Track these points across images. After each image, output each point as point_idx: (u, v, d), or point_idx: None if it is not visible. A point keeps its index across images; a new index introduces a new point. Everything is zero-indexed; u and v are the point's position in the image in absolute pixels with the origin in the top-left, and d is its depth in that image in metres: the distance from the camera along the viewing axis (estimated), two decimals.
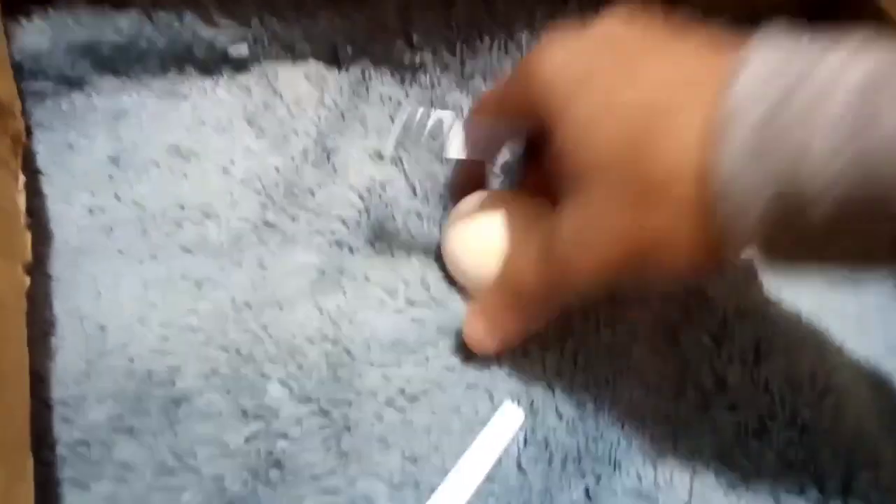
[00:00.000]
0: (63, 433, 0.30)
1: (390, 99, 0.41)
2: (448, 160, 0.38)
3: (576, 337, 0.34)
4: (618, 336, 0.35)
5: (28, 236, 0.30)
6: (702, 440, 0.32)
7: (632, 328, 0.35)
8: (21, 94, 0.38)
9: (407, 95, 0.41)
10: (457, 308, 0.35)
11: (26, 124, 0.39)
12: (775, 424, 0.31)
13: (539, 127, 0.28)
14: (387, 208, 0.38)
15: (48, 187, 0.37)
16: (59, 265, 0.35)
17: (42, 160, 0.38)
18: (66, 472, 0.30)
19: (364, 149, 0.40)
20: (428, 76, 0.41)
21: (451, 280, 0.36)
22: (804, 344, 0.34)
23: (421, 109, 0.30)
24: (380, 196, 0.38)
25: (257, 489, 0.30)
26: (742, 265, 0.36)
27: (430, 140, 0.30)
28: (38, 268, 0.34)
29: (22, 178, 0.31)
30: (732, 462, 0.32)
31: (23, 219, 0.30)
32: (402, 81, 0.41)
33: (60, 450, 0.30)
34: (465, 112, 0.41)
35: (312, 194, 0.38)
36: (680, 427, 0.33)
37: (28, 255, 0.29)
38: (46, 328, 0.32)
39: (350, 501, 0.30)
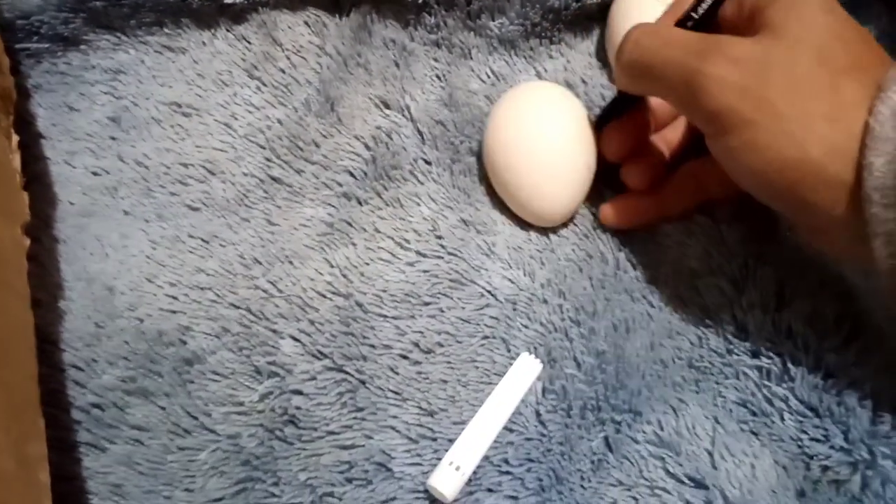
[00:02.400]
0: (76, 397, 0.30)
1: (394, 42, 0.39)
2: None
3: (593, 283, 0.33)
4: (636, 282, 0.34)
5: (25, 197, 0.29)
6: (724, 387, 0.31)
7: (651, 274, 0.34)
8: (15, 55, 0.37)
9: (412, 39, 0.40)
10: (470, 258, 0.34)
11: (24, 86, 0.38)
12: (799, 370, 0.31)
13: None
14: (394, 157, 0.36)
15: (50, 150, 0.37)
16: (64, 228, 0.34)
17: (42, 123, 0.38)
18: (81, 436, 0.30)
19: (368, 96, 0.38)
20: (433, 17, 0.39)
21: (463, 228, 0.35)
22: (828, 288, 0.32)
23: None
24: (387, 145, 0.37)
25: (274, 446, 0.30)
26: (760, 210, 0.35)
27: None
28: (45, 231, 0.34)
29: (16, 138, 0.30)
30: (756, 408, 0.31)
31: (19, 178, 0.29)
32: (406, 24, 0.40)
33: (75, 413, 0.30)
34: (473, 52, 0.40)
35: (317, 146, 0.37)
36: (701, 374, 0.32)
37: (26, 215, 0.29)
38: (55, 291, 0.32)
39: (367, 456, 0.30)
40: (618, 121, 0.34)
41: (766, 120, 0.26)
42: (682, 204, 0.34)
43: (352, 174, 0.36)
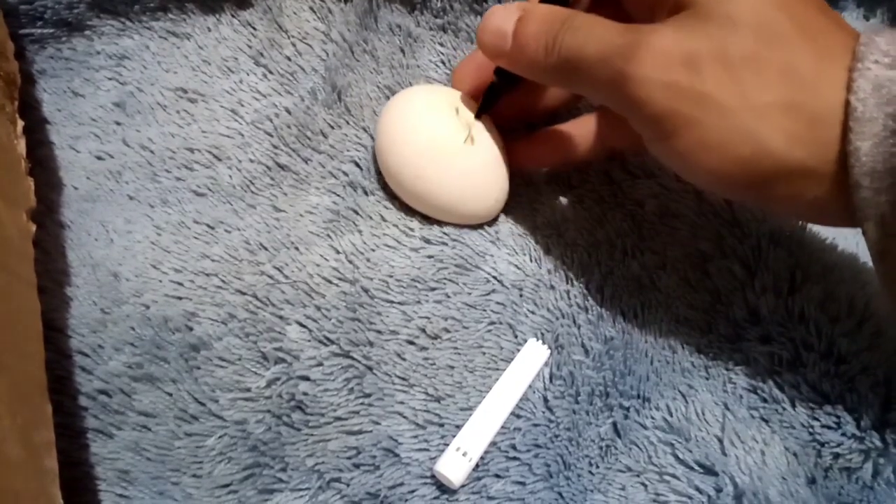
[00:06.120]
0: (83, 383, 0.30)
1: (400, 28, 0.39)
2: None
3: (602, 268, 0.33)
4: (645, 267, 0.33)
5: (30, 182, 0.29)
6: (734, 373, 0.31)
7: (660, 258, 0.33)
8: (20, 40, 0.37)
9: (418, 24, 0.39)
10: (474, 244, 0.34)
11: (28, 72, 0.38)
12: (811, 356, 0.30)
13: None
14: None
15: (55, 135, 0.37)
16: (69, 213, 0.34)
17: (47, 108, 0.38)
18: (88, 422, 0.30)
19: (377, 85, 0.38)
20: (439, 0, 0.39)
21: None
22: (841, 270, 0.32)
23: None
24: None
25: (281, 432, 0.30)
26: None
27: None
28: (50, 217, 0.34)
29: (20, 123, 0.30)
30: (766, 395, 0.31)
31: (24, 164, 0.29)
32: (412, 9, 0.39)
33: (82, 399, 0.30)
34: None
35: (325, 136, 0.37)
36: (711, 360, 0.32)
37: (32, 201, 0.29)
38: (60, 278, 0.32)
39: (374, 441, 0.30)
40: (527, 139, 0.34)
41: (710, 117, 0.23)
42: (588, 150, 0.33)
43: (358, 165, 0.36)
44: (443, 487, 0.29)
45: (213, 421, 0.30)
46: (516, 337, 0.32)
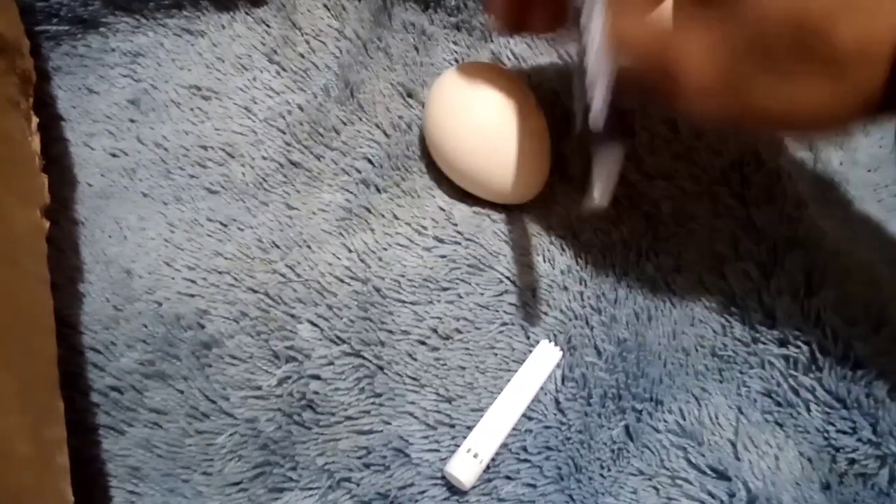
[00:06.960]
0: (95, 379, 0.30)
1: (413, 26, 0.39)
2: None
3: (616, 269, 0.33)
4: (660, 268, 0.33)
5: (45, 179, 0.29)
6: (749, 376, 0.31)
7: (675, 260, 0.33)
8: (35, 37, 0.37)
9: (432, 22, 0.39)
10: (487, 244, 0.33)
11: (44, 69, 0.38)
12: (827, 359, 0.30)
13: None
14: (409, 148, 0.36)
15: (70, 132, 0.37)
16: (83, 210, 0.34)
17: (62, 105, 0.38)
18: (100, 419, 0.30)
19: (390, 82, 0.38)
20: None
21: (479, 217, 0.34)
22: (858, 273, 0.32)
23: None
24: (405, 134, 0.36)
25: (292, 431, 0.30)
26: (791, 192, 0.34)
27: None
28: (64, 213, 0.34)
29: (35, 120, 0.30)
30: (781, 399, 0.30)
31: (38, 161, 0.29)
32: (426, 7, 0.39)
33: (94, 396, 0.30)
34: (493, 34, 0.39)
35: (337, 133, 0.37)
36: (725, 363, 0.31)
37: (45, 198, 0.29)
38: (73, 274, 0.32)
39: (385, 441, 0.29)
40: None
41: None
42: None
43: (370, 161, 0.36)
44: (453, 489, 0.29)
45: (223, 419, 0.30)
46: (528, 338, 0.32)
